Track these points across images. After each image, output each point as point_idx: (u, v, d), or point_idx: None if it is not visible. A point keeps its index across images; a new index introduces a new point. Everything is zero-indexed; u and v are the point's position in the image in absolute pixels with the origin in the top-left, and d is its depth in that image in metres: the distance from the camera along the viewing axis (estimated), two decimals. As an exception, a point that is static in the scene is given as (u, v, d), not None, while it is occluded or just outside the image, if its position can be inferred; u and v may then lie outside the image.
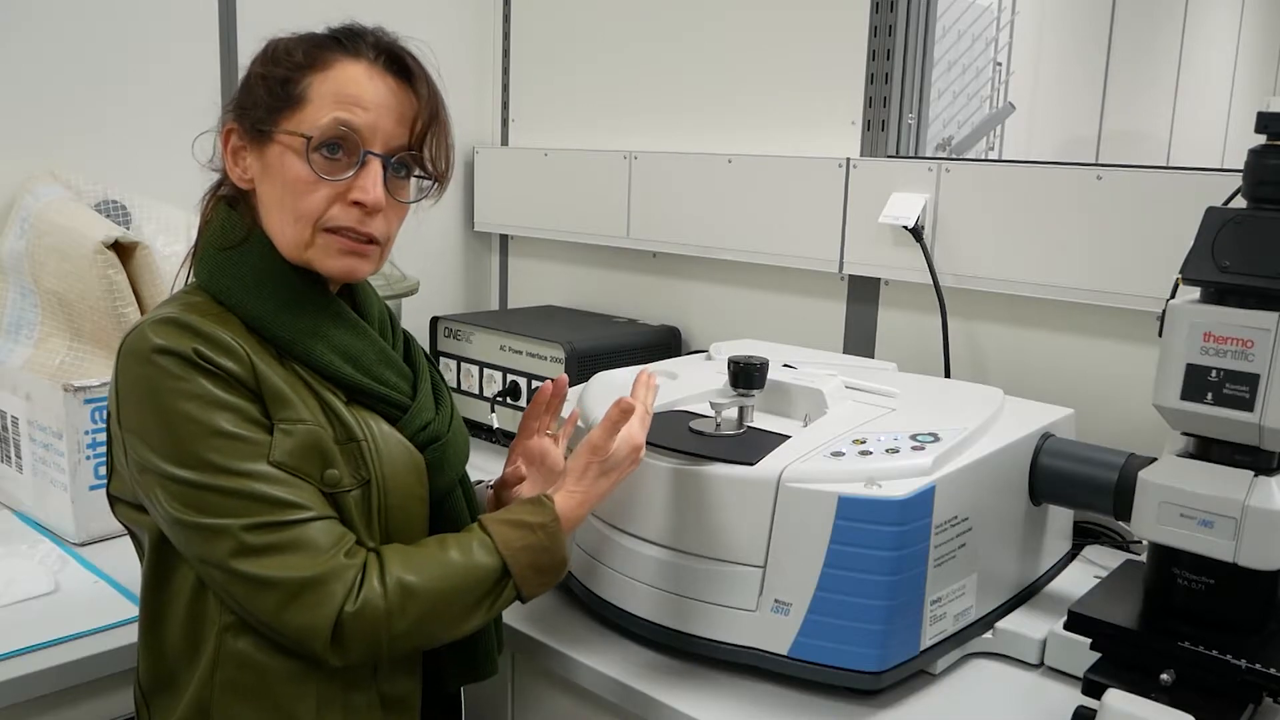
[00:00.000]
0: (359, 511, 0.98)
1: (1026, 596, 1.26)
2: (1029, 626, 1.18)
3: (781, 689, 1.10)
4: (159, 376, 0.92)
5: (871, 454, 1.10)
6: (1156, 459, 1.08)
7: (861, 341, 1.78)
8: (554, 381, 1.23)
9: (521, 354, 1.86)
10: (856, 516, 1.03)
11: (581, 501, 1.05)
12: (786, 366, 1.35)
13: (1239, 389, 0.97)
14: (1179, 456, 1.05)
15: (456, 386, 1.97)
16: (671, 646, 1.15)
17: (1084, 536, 1.45)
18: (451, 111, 1.05)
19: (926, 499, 1.05)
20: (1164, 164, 1.55)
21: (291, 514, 0.92)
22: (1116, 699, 0.96)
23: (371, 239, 1.00)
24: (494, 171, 2.32)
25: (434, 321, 2.01)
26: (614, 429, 1.06)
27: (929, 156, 1.75)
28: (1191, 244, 1.00)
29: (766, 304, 1.92)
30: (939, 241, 1.62)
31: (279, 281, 1.00)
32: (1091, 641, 1.07)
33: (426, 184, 1.05)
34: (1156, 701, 0.96)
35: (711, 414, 1.21)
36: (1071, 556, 1.38)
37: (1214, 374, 0.98)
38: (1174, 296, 1.05)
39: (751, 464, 1.09)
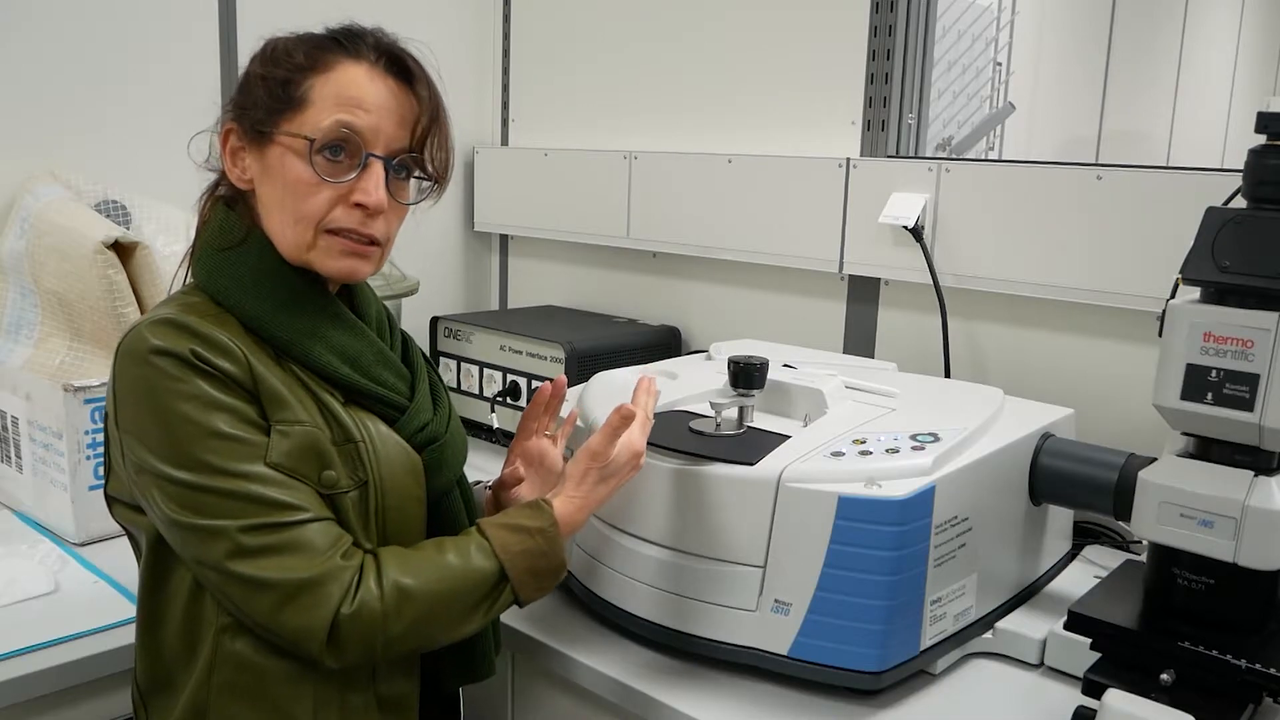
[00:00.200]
0: (356, 513, 0.98)
1: (1026, 596, 1.26)
2: (1029, 626, 1.18)
3: (781, 689, 1.10)
4: (156, 377, 0.92)
5: (871, 454, 1.10)
6: (1156, 459, 1.08)
7: (861, 341, 1.78)
8: (553, 382, 1.23)
9: (521, 354, 1.86)
10: (856, 516, 1.03)
11: (580, 507, 1.05)
12: (786, 366, 1.35)
13: (1239, 389, 0.97)
14: (1179, 456, 1.05)
15: (456, 386, 1.97)
16: (671, 646, 1.15)
17: (1084, 536, 1.45)
18: (451, 112, 1.05)
19: (926, 499, 1.05)
20: (1164, 164, 1.54)
21: (288, 515, 0.92)
22: (1116, 699, 0.96)
23: (373, 240, 1.01)
24: (494, 171, 2.32)
25: (434, 321, 2.01)
26: (614, 435, 1.06)
27: (929, 156, 1.75)
28: (1191, 244, 1.00)
29: (766, 304, 1.92)
30: (939, 241, 1.62)
31: (278, 282, 1.00)
32: (1091, 641, 1.07)
33: (426, 185, 1.05)
34: (1156, 701, 0.96)
35: (711, 414, 1.21)
36: (1071, 556, 1.38)
37: (1214, 374, 0.98)
38: (1174, 296, 1.05)
39: (751, 464, 1.09)
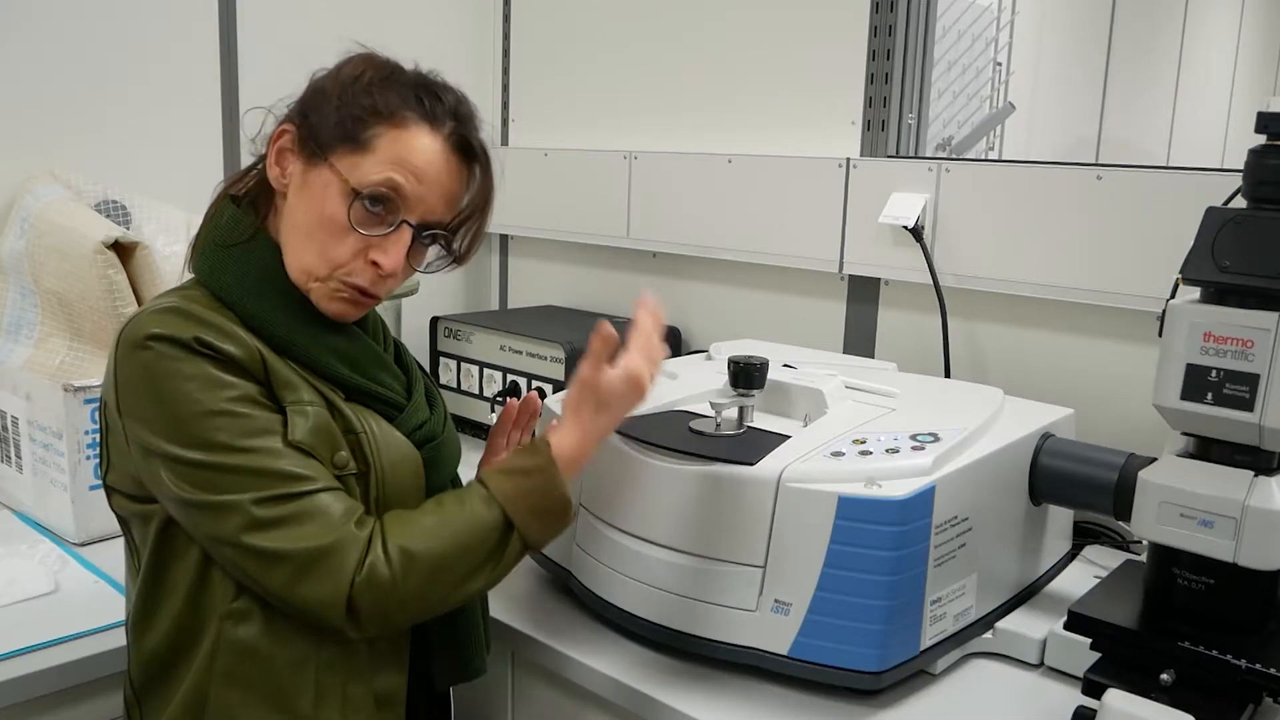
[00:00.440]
0: (359, 499, 0.98)
1: (1026, 596, 1.26)
2: (1029, 626, 1.18)
3: (781, 689, 1.10)
4: (159, 361, 0.92)
5: (871, 454, 1.10)
6: (1156, 459, 1.08)
7: (861, 341, 1.78)
8: (523, 399, 1.23)
9: (521, 354, 1.86)
10: (856, 516, 1.03)
11: (580, 439, 1.02)
12: (786, 366, 1.35)
13: (1239, 389, 0.96)
14: (1179, 456, 1.05)
15: (456, 386, 1.97)
16: (671, 646, 1.15)
17: (1084, 536, 1.45)
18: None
19: (926, 499, 1.05)
20: (1164, 164, 1.55)
21: (301, 485, 0.92)
22: (1116, 699, 0.96)
23: (375, 296, 1.02)
24: (494, 171, 2.32)
25: (434, 321, 2.01)
26: (598, 360, 1.03)
27: (929, 156, 1.75)
28: (1191, 244, 1.00)
29: (766, 304, 1.92)
30: (939, 241, 1.62)
31: (280, 284, 1.00)
32: (1091, 641, 1.07)
33: (441, 260, 1.05)
34: (1156, 701, 0.96)
35: (711, 414, 1.21)
36: (1071, 556, 1.38)
37: (1214, 374, 0.98)
38: (1174, 296, 1.05)
39: (751, 464, 1.09)
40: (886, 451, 1.10)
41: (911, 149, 1.74)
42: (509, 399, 1.22)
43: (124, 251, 1.52)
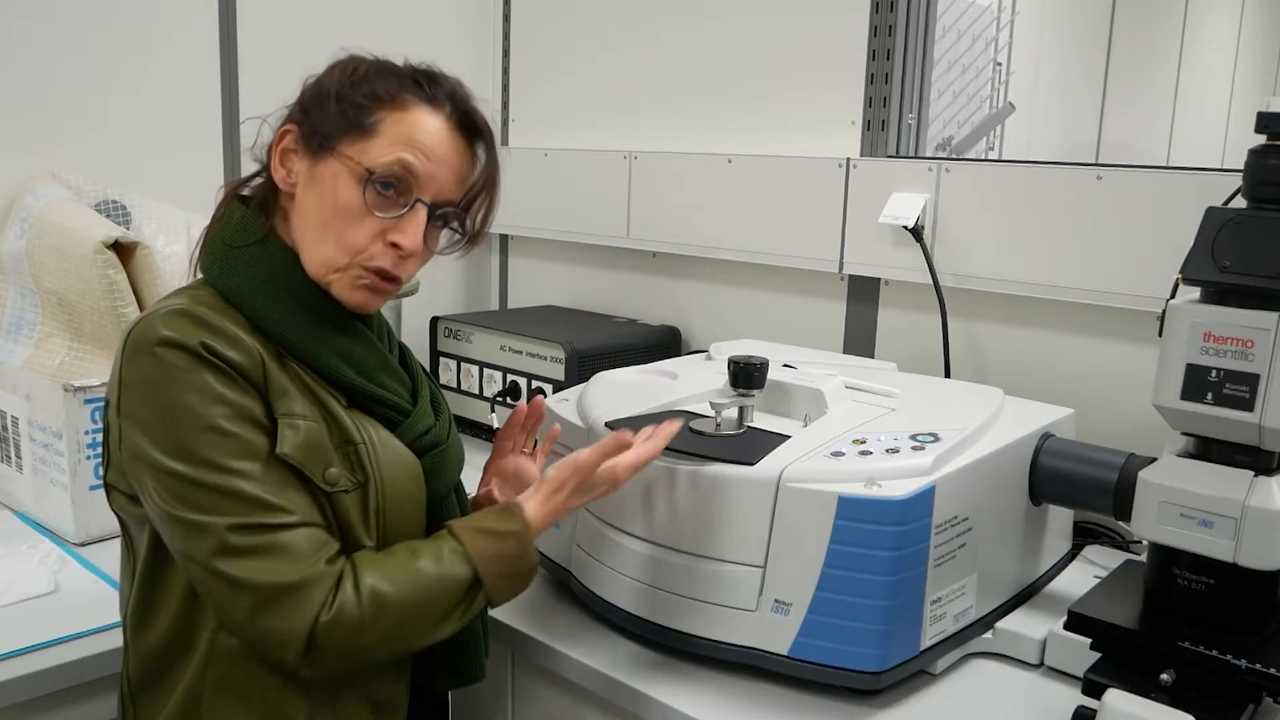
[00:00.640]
0: (357, 512, 0.98)
1: (1026, 596, 1.26)
2: (1029, 626, 1.18)
3: (781, 689, 1.10)
4: (163, 368, 0.92)
5: (871, 454, 1.10)
6: (1156, 459, 1.08)
7: (861, 341, 1.78)
8: (530, 403, 1.24)
9: (521, 354, 1.86)
10: (856, 516, 1.03)
11: (550, 514, 1.05)
12: (786, 366, 1.35)
13: (1239, 389, 0.96)
14: (1179, 456, 1.05)
15: (456, 386, 1.97)
16: (672, 646, 1.15)
17: (1084, 536, 1.45)
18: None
19: (926, 499, 1.05)
20: (1164, 164, 1.55)
21: (275, 517, 0.92)
22: (1116, 699, 0.96)
23: (396, 280, 1.02)
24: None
25: (434, 321, 2.01)
26: (605, 456, 1.06)
27: (929, 156, 1.75)
28: (1191, 244, 1.00)
29: (766, 304, 1.92)
30: (939, 241, 1.62)
31: (291, 285, 1.00)
32: (1091, 641, 1.07)
33: (456, 239, 1.06)
34: (1156, 701, 0.96)
35: (711, 414, 1.21)
36: (1071, 556, 1.38)
37: (1214, 374, 0.98)
38: (1174, 296, 1.05)
39: (751, 464, 1.09)
40: (886, 451, 1.10)
41: (911, 149, 1.74)
42: (517, 403, 1.22)
43: (124, 251, 1.52)
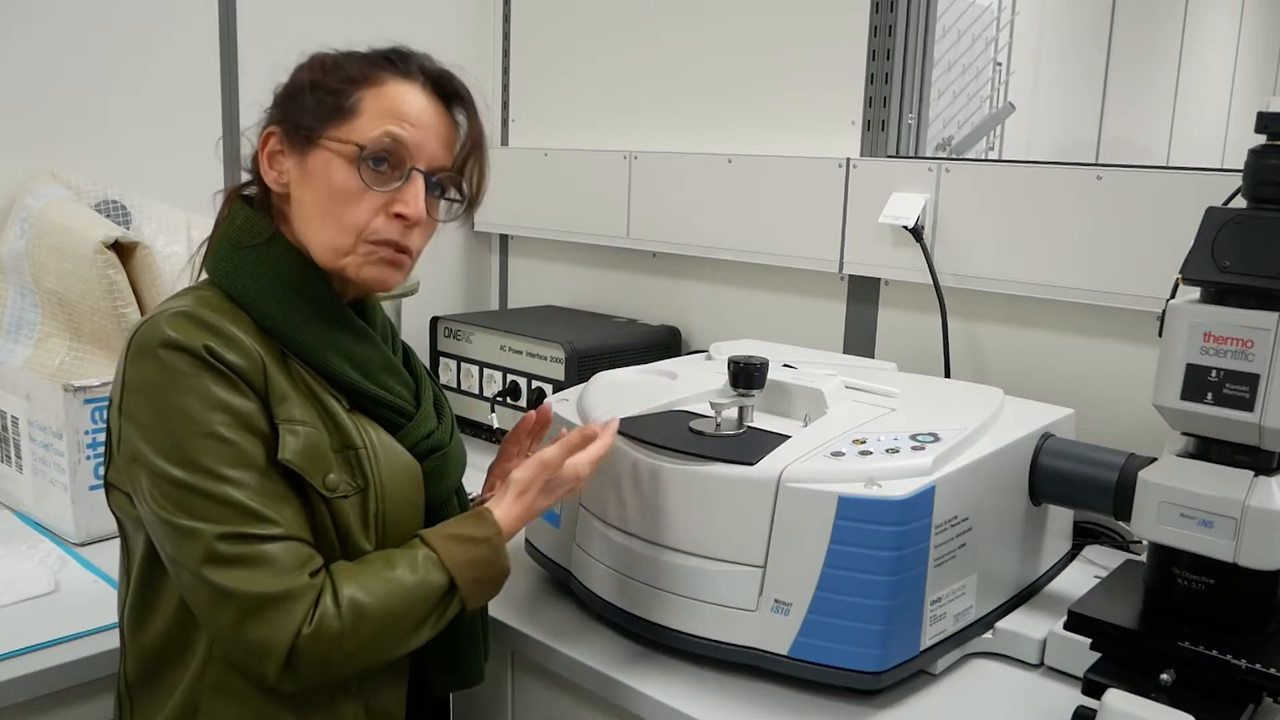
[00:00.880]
0: (356, 517, 0.98)
1: (1026, 596, 1.26)
2: (1029, 626, 1.18)
3: (781, 689, 1.10)
4: (166, 371, 0.92)
5: (871, 454, 1.10)
6: (1156, 459, 1.08)
7: (861, 341, 1.78)
8: (538, 410, 1.25)
9: (521, 354, 1.86)
10: (856, 516, 1.03)
11: (520, 516, 1.05)
12: (786, 366, 1.35)
13: (1239, 389, 0.96)
14: (1179, 456, 1.05)
15: (456, 386, 1.97)
16: (672, 646, 1.15)
17: (1084, 536, 1.45)
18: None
19: (926, 499, 1.05)
20: (1164, 164, 1.55)
21: (263, 528, 0.91)
22: (1116, 699, 0.96)
23: (408, 250, 1.02)
24: (494, 171, 2.30)
25: (434, 321, 2.01)
26: (570, 451, 1.06)
27: (929, 156, 1.75)
28: (1191, 244, 1.00)
29: (766, 304, 1.92)
30: (939, 241, 1.62)
31: (297, 285, 1.01)
32: (1091, 641, 1.07)
33: (456, 206, 1.07)
34: (1156, 701, 0.96)
35: (711, 414, 1.21)
36: (1071, 556, 1.38)
37: (1214, 374, 0.98)
38: (1174, 296, 1.05)
39: (751, 464, 1.09)
40: (886, 451, 1.10)
41: (911, 149, 1.74)
42: (528, 410, 1.23)
43: (124, 251, 1.52)
